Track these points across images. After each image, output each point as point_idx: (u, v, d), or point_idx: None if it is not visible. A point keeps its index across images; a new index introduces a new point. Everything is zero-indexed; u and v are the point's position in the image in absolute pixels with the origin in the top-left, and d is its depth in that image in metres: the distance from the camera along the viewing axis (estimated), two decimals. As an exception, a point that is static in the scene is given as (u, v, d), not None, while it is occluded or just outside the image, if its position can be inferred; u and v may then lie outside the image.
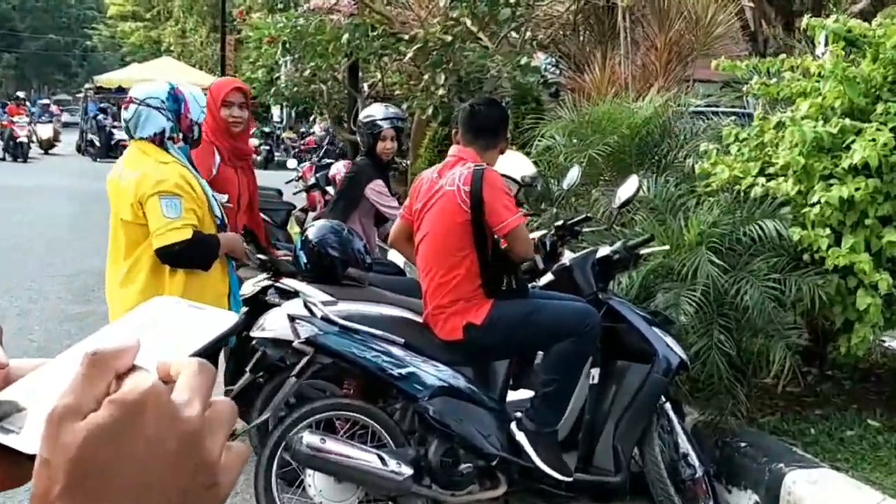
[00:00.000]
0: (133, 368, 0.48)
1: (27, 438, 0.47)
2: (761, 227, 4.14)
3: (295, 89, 10.55)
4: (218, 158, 4.00)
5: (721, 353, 3.91)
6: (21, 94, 31.92)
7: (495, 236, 3.40)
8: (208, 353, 0.52)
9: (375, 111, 5.03)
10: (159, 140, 3.24)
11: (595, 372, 3.63)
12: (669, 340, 3.65)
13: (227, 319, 0.55)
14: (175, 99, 3.25)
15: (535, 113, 6.90)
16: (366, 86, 11.23)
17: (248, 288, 3.95)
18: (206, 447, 0.48)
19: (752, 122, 4.73)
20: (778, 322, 4.01)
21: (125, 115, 3.30)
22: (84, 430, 0.45)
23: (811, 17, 4.95)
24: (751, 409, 4.19)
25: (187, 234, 3.11)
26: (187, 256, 3.18)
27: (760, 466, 3.73)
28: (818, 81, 4.46)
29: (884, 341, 5.13)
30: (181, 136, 3.31)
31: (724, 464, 3.94)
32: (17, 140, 22.21)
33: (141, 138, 3.24)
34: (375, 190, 4.73)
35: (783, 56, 4.99)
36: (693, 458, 3.70)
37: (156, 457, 0.46)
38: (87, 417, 0.46)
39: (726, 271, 4.06)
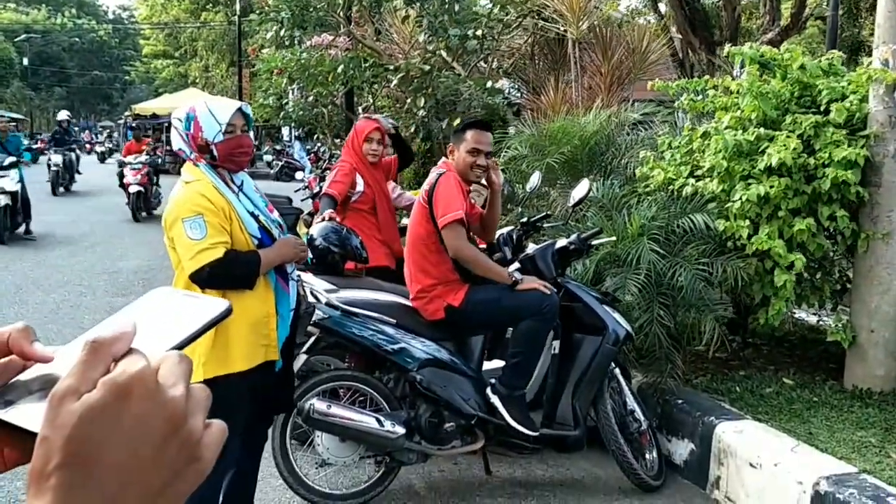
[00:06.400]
0: (129, 352, 0.45)
1: (32, 417, 0.44)
2: (692, 220, 4.13)
3: (301, 113, 10.40)
4: (361, 180, 4.18)
5: (660, 325, 3.91)
6: (135, 124, 21.50)
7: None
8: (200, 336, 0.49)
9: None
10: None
11: (556, 343, 3.59)
12: (617, 316, 3.65)
13: (217, 306, 0.51)
14: (187, 119, 2.58)
15: (501, 129, 6.84)
16: (360, 109, 11.16)
17: None
18: (188, 425, 0.45)
19: (682, 133, 4.68)
20: (707, 299, 4.00)
21: None
22: (79, 410, 0.42)
23: (730, 45, 4.91)
24: (686, 372, 4.19)
25: (218, 253, 2.43)
26: (222, 277, 2.45)
27: (695, 420, 3.73)
28: (737, 98, 4.44)
29: (794, 314, 5.14)
30: (198, 154, 2.57)
31: (665, 418, 3.93)
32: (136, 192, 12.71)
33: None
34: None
35: (707, 77, 4.97)
36: (639, 414, 3.71)
37: (144, 434, 0.43)
38: (82, 398, 0.43)
39: (664, 258, 4.05)
